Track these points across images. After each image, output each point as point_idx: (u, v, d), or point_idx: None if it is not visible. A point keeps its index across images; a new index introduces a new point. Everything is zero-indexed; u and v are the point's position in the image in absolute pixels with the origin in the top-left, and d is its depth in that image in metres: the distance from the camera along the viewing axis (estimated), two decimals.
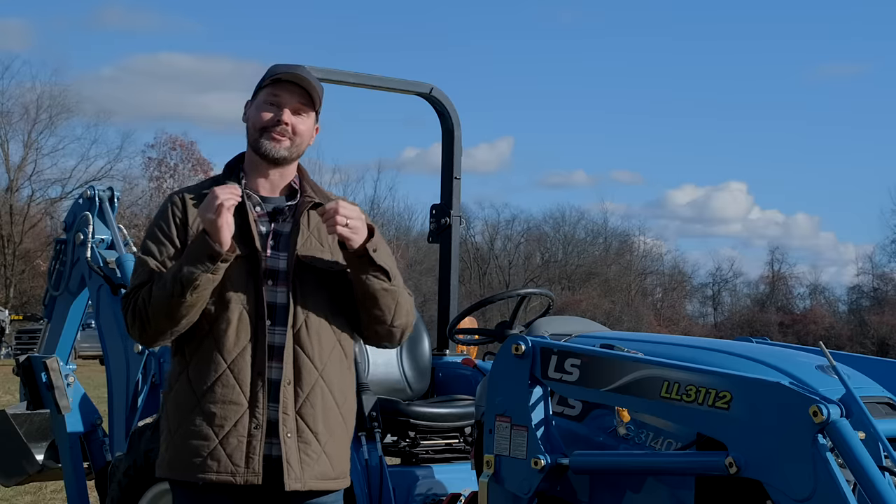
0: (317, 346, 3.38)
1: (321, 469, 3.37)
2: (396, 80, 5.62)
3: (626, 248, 57.70)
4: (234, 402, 3.30)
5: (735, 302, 60.57)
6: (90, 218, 6.14)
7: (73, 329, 6.46)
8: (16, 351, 29.23)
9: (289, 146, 3.44)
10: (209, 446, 3.29)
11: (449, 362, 5.58)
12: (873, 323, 49.36)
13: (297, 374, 3.35)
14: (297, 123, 3.44)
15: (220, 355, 3.31)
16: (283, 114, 3.42)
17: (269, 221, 3.45)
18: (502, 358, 3.72)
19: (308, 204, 3.47)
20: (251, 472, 3.29)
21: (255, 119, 3.45)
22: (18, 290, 43.34)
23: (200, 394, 3.32)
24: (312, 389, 3.36)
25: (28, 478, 6.28)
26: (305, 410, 3.35)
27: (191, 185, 3.63)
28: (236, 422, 3.29)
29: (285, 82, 3.42)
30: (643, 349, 3.66)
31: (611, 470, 3.66)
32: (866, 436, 3.18)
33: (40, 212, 45.43)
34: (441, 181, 5.77)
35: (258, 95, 3.47)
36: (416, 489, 4.76)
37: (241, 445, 3.29)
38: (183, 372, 3.37)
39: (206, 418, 3.30)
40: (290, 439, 3.32)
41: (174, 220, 3.41)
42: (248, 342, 3.32)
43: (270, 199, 3.49)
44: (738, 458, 3.22)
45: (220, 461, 3.28)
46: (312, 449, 3.35)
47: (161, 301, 3.26)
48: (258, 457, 3.29)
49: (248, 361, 3.32)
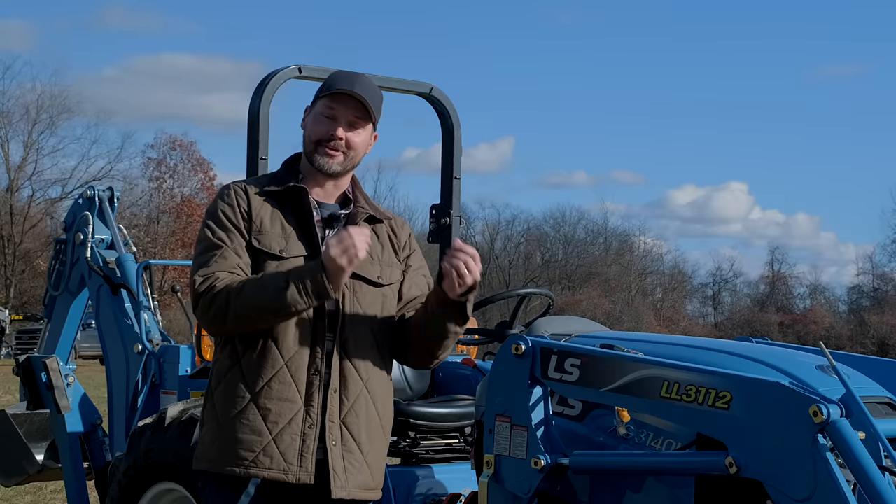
0: (362, 356, 3.36)
1: (363, 478, 3.36)
2: (396, 80, 5.62)
3: (627, 248, 57.71)
4: (290, 400, 3.27)
5: (735, 302, 60.61)
6: (90, 218, 6.15)
7: (73, 329, 6.47)
8: (16, 351, 29.23)
9: (342, 160, 3.41)
10: (262, 442, 3.26)
11: (449, 362, 5.58)
12: (873, 323, 49.32)
13: (343, 382, 3.33)
14: (352, 137, 3.41)
15: (278, 352, 3.28)
16: (338, 129, 3.39)
17: (323, 227, 3.44)
18: (502, 358, 3.72)
19: (362, 214, 3.45)
20: (304, 471, 3.26)
21: (310, 131, 3.42)
22: (18, 290, 43.34)
23: (255, 389, 3.28)
24: (357, 399, 3.35)
25: (28, 478, 6.29)
26: (350, 419, 3.33)
27: (249, 178, 3.60)
28: (291, 419, 3.27)
29: (342, 94, 3.39)
30: (643, 349, 3.66)
31: (611, 470, 3.65)
32: (866, 436, 3.18)
33: (40, 212, 45.44)
34: (441, 181, 5.76)
35: (316, 104, 3.44)
36: (416, 489, 4.75)
37: (295, 443, 3.26)
38: (234, 366, 3.32)
39: (260, 413, 3.26)
40: (335, 447, 3.30)
41: (239, 209, 3.37)
42: (307, 342, 3.30)
43: (325, 206, 3.47)
44: (738, 458, 3.22)
45: (273, 458, 3.25)
46: (355, 458, 3.34)
47: (253, 307, 3.23)
48: (311, 456, 3.27)
49: (306, 361, 3.30)
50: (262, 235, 3.34)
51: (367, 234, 3.24)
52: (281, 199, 3.42)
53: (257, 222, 3.35)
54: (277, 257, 3.32)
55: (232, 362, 3.34)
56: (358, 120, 3.41)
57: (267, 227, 3.36)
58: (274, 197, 3.41)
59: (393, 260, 3.49)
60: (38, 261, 41.92)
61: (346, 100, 3.39)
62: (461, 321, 3.37)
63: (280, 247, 3.34)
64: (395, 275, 3.48)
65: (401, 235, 3.56)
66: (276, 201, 3.41)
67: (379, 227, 3.51)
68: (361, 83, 3.41)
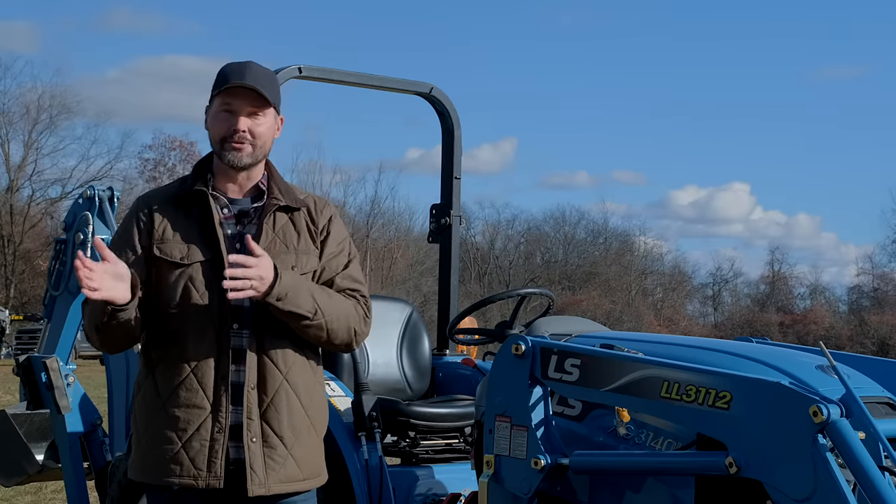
0: (280, 349, 3.37)
1: (287, 472, 3.37)
2: (396, 80, 5.63)
3: (627, 248, 57.65)
4: (198, 406, 3.31)
5: (735, 302, 60.55)
6: (90, 218, 6.14)
7: (73, 329, 6.45)
8: (16, 351, 29.21)
9: (251, 152, 3.42)
10: (173, 450, 3.30)
11: (449, 362, 5.58)
12: (873, 323, 49.30)
13: (261, 378, 3.35)
14: (254, 127, 3.41)
15: (183, 359, 3.32)
16: (239, 122, 3.39)
17: (235, 224, 3.44)
18: (502, 358, 3.72)
19: (274, 206, 3.45)
20: (213, 476, 3.29)
21: (213, 130, 3.44)
22: (18, 290, 43.33)
23: (165, 397, 3.33)
24: (277, 393, 3.36)
25: (28, 478, 6.28)
26: (270, 415, 3.35)
27: (160, 187, 3.64)
28: (199, 426, 3.30)
29: (236, 88, 3.38)
30: (643, 349, 3.66)
31: (611, 470, 3.66)
32: (866, 436, 3.18)
33: (40, 212, 45.43)
34: (441, 181, 5.77)
35: (213, 102, 3.44)
36: (416, 489, 4.76)
37: (204, 449, 3.30)
38: (149, 375, 3.39)
39: (169, 422, 3.31)
40: (254, 444, 3.32)
41: (138, 224, 3.42)
42: (212, 346, 3.33)
43: (238, 201, 3.48)
44: (738, 458, 3.22)
45: (183, 465, 3.29)
46: (278, 453, 3.35)
47: (89, 327, 3.33)
48: (220, 461, 3.30)
49: (212, 366, 3.32)
50: (163, 244, 3.38)
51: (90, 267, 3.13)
52: (186, 203, 3.44)
53: (159, 231, 3.39)
54: (179, 265, 3.36)
55: (147, 372, 3.41)
56: (257, 109, 3.41)
57: (169, 235, 3.39)
58: (179, 203, 3.45)
59: (310, 247, 3.48)
60: (38, 261, 41.92)
61: (241, 92, 3.39)
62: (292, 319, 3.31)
63: (181, 254, 3.37)
64: (311, 262, 3.46)
65: (319, 220, 3.53)
66: (182, 207, 3.44)
67: (296, 214, 3.50)
68: (253, 72, 3.40)
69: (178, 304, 3.34)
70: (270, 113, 3.45)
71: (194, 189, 3.44)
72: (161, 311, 3.36)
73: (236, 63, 3.44)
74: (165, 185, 3.64)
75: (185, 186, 3.47)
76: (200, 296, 3.34)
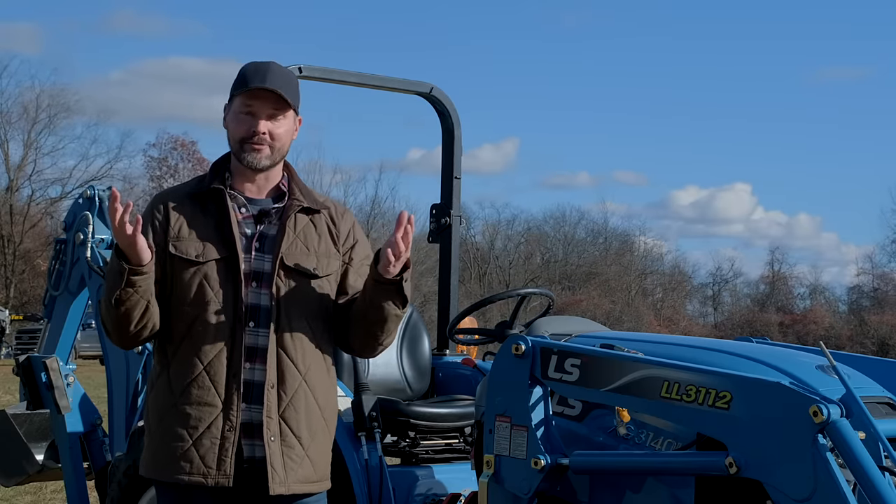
0: (300, 349, 3.39)
1: (304, 472, 3.38)
2: (396, 80, 5.62)
3: (627, 248, 57.65)
4: (209, 404, 3.31)
5: (735, 302, 60.54)
6: (90, 218, 6.14)
7: (73, 329, 6.46)
8: (16, 351, 29.21)
9: (269, 154, 3.43)
10: (183, 447, 3.31)
11: (449, 362, 5.58)
12: (873, 323, 49.29)
13: (281, 377, 3.35)
14: (274, 129, 3.42)
15: (196, 357, 3.33)
16: (259, 124, 3.40)
17: (254, 223, 3.45)
18: (502, 358, 3.72)
19: (296, 207, 3.46)
20: (222, 474, 3.30)
21: (233, 130, 3.45)
22: (18, 290, 43.33)
23: (178, 395, 3.33)
24: (296, 393, 3.37)
25: (28, 478, 6.28)
26: (289, 414, 3.36)
27: (177, 185, 3.64)
28: (210, 423, 3.31)
29: (257, 90, 3.40)
30: (643, 349, 3.66)
31: (611, 470, 3.65)
32: (866, 436, 3.18)
33: (40, 212, 45.43)
34: (441, 181, 5.77)
35: (234, 101, 3.45)
36: (416, 489, 4.75)
37: (214, 447, 3.30)
38: (163, 373, 3.39)
39: (181, 419, 3.32)
40: (273, 443, 3.33)
41: (154, 222, 3.42)
42: (225, 344, 3.33)
43: (257, 201, 3.48)
44: (738, 458, 3.22)
45: (193, 462, 3.30)
46: (296, 453, 3.36)
47: (104, 306, 3.32)
48: (230, 459, 3.30)
49: (224, 363, 3.33)
50: (179, 242, 3.39)
51: (123, 206, 3.16)
52: (203, 202, 3.45)
53: (175, 229, 3.40)
54: (194, 262, 3.37)
55: (160, 369, 3.41)
56: (277, 111, 3.43)
57: (185, 233, 3.40)
58: (196, 201, 3.45)
59: (331, 250, 3.49)
60: (38, 261, 41.92)
61: (262, 94, 3.40)
62: (400, 302, 3.39)
63: (197, 252, 3.38)
64: (332, 265, 3.48)
65: (341, 225, 3.55)
66: (199, 205, 3.45)
67: (316, 216, 3.51)
68: (273, 74, 3.42)
69: (193, 302, 3.34)
70: (290, 115, 3.47)
71: (212, 187, 3.44)
72: (175, 308, 3.37)
73: (257, 63, 3.46)
74: (182, 184, 3.64)
75: (203, 185, 3.47)
76: (215, 294, 3.34)
